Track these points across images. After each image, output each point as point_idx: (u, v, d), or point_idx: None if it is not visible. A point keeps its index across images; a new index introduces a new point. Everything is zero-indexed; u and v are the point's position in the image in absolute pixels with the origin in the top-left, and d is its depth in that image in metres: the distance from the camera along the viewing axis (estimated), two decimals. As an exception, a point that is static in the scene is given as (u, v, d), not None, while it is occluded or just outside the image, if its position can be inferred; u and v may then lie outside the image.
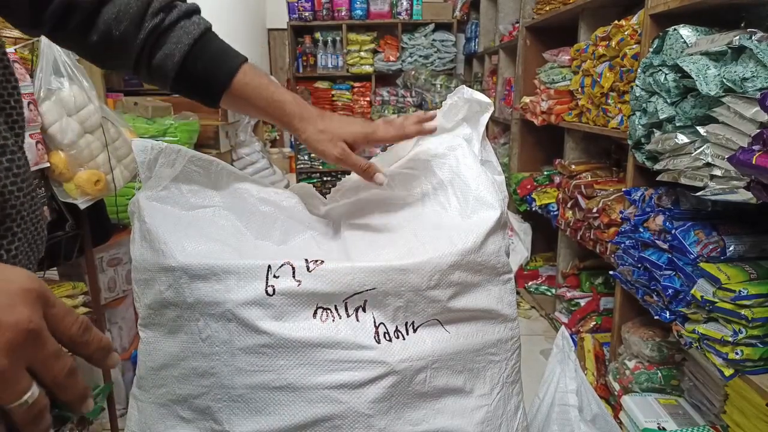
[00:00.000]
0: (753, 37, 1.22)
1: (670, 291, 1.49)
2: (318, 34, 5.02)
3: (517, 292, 2.99)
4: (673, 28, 1.51)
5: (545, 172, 3.00)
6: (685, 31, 1.48)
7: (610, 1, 2.26)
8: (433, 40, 4.97)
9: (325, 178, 5.28)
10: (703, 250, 1.41)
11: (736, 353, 1.28)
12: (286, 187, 0.89)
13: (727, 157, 1.18)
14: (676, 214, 1.56)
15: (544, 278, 3.09)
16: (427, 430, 0.70)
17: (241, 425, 0.65)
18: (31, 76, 1.35)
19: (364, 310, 0.67)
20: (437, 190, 0.84)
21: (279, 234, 0.80)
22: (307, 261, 0.66)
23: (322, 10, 4.92)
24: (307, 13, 4.90)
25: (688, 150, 1.40)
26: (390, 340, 0.68)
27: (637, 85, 1.65)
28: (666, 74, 1.49)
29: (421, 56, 4.98)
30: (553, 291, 2.83)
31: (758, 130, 1.08)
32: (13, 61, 1.01)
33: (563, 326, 1.80)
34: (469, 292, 0.75)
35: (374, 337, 0.67)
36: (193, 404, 0.68)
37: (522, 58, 3.14)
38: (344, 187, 0.93)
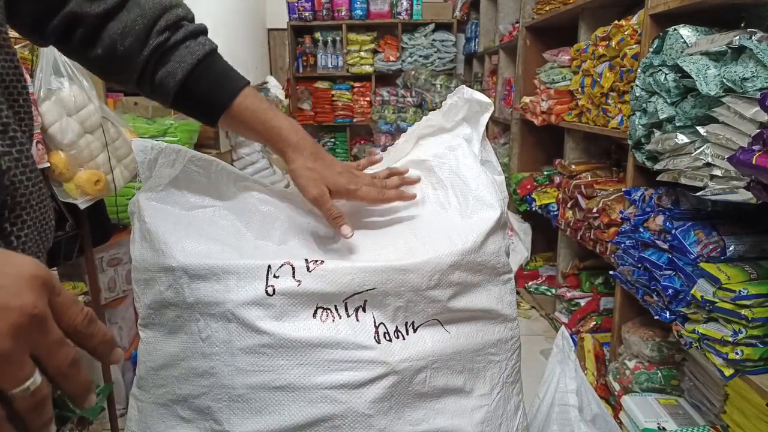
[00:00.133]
0: (753, 37, 1.22)
1: (670, 291, 1.49)
2: (318, 34, 5.02)
3: (517, 292, 2.99)
4: (673, 28, 1.51)
5: (545, 172, 3.00)
6: (685, 31, 1.48)
7: (610, 1, 2.26)
8: (433, 40, 4.97)
9: (325, 178, 5.28)
10: (703, 250, 1.42)
11: (736, 353, 1.28)
12: (286, 187, 0.89)
13: (727, 157, 1.18)
14: (676, 214, 1.56)
15: (544, 278, 3.09)
16: (427, 430, 0.70)
17: (241, 425, 0.65)
18: (31, 76, 1.35)
19: (364, 310, 0.67)
20: (437, 190, 0.84)
21: (279, 234, 0.79)
22: (307, 261, 0.66)
23: (322, 10, 4.92)
24: (307, 13, 4.90)
25: (688, 150, 1.40)
26: (390, 340, 0.68)
27: (637, 85, 1.65)
28: (666, 74, 1.49)
29: (421, 56, 4.98)
30: (553, 291, 2.83)
31: (758, 130, 1.08)
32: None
33: (563, 326, 1.80)
34: (469, 292, 0.75)
35: (374, 337, 0.67)
36: (193, 404, 0.68)
37: (522, 58, 3.14)
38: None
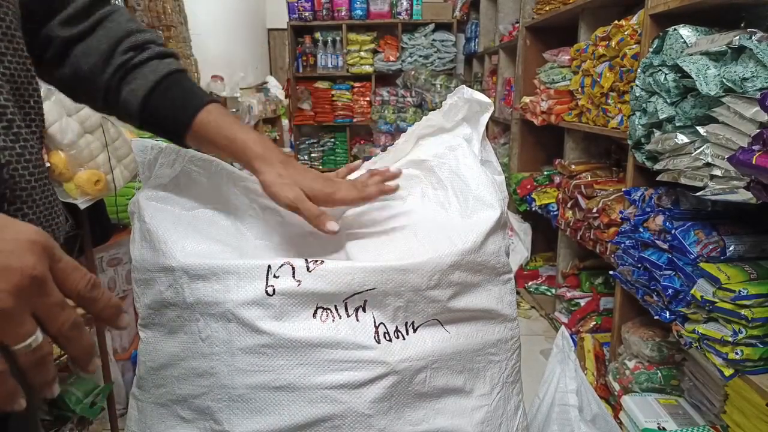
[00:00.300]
0: (753, 37, 1.22)
1: (670, 291, 1.49)
2: (318, 34, 5.02)
3: (517, 292, 2.99)
4: (673, 28, 1.51)
5: (545, 172, 3.00)
6: (685, 31, 1.48)
7: (610, 1, 2.26)
8: (433, 40, 4.97)
9: (325, 178, 5.28)
10: (703, 250, 1.41)
11: (736, 353, 1.28)
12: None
13: (727, 157, 1.18)
14: (676, 214, 1.56)
15: (544, 278, 3.09)
16: (427, 430, 0.70)
17: (241, 425, 0.65)
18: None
19: (364, 310, 0.67)
20: (437, 190, 0.84)
21: (279, 234, 0.80)
22: (307, 261, 0.66)
23: (322, 10, 4.92)
24: (307, 13, 4.90)
25: (688, 150, 1.40)
26: (390, 340, 0.68)
27: (637, 85, 1.65)
28: (666, 74, 1.49)
29: (421, 56, 4.98)
30: (553, 291, 2.83)
31: (758, 130, 1.08)
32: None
33: (563, 326, 1.80)
34: (469, 292, 0.75)
35: (374, 337, 0.67)
36: (193, 404, 0.68)
37: (522, 58, 3.14)
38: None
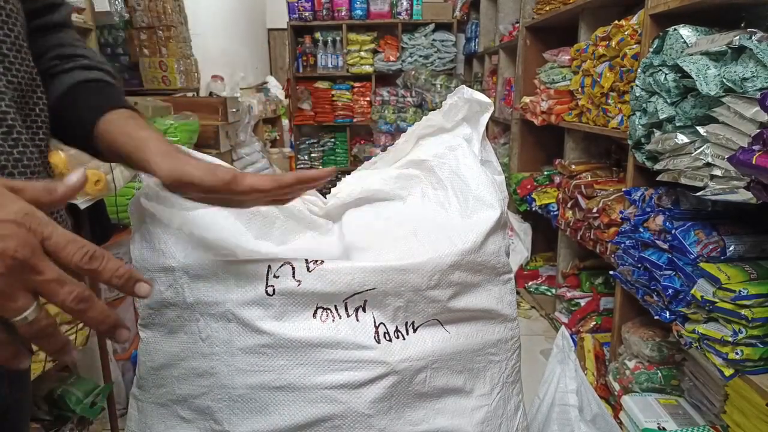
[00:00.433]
0: (753, 37, 1.22)
1: (670, 291, 1.49)
2: (318, 34, 5.02)
3: (517, 292, 2.99)
4: (673, 28, 1.51)
5: (545, 172, 3.00)
6: (685, 31, 1.48)
7: (610, 1, 2.26)
8: (433, 40, 4.97)
9: (325, 178, 5.28)
10: (703, 250, 1.41)
11: (736, 353, 1.28)
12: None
13: (727, 157, 1.18)
14: (676, 214, 1.56)
15: (544, 278, 3.09)
16: (427, 430, 0.70)
17: (241, 425, 0.65)
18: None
19: (364, 310, 0.67)
20: (437, 190, 0.84)
21: (279, 234, 0.79)
22: (307, 261, 0.66)
23: (322, 10, 4.92)
24: (307, 13, 4.90)
25: (688, 150, 1.40)
26: (390, 340, 0.68)
27: (637, 85, 1.65)
28: (666, 74, 1.49)
29: (421, 56, 4.98)
30: (553, 291, 2.83)
31: (758, 130, 1.08)
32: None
33: (563, 326, 1.80)
34: (469, 292, 0.75)
35: (374, 337, 0.67)
36: (193, 404, 0.68)
37: (522, 58, 3.14)
38: (344, 188, 0.93)
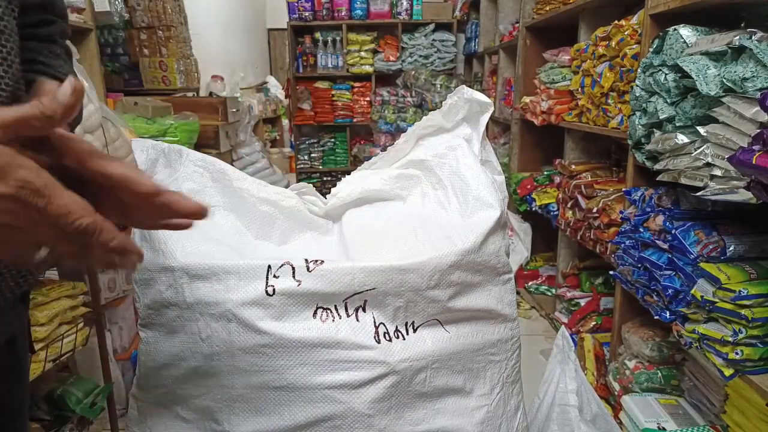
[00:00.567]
0: (753, 37, 1.22)
1: (670, 291, 1.49)
2: (318, 34, 5.02)
3: (517, 292, 2.99)
4: (673, 28, 1.51)
5: (545, 172, 3.00)
6: (685, 31, 1.48)
7: (610, 1, 2.26)
8: (433, 40, 4.97)
9: (325, 178, 5.28)
10: (703, 250, 1.41)
11: (736, 353, 1.27)
12: (286, 187, 0.89)
13: (727, 157, 1.18)
14: (676, 214, 1.56)
15: (544, 278, 3.09)
16: (427, 429, 0.70)
17: (241, 425, 0.65)
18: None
19: (364, 310, 0.67)
20: (437, 190, 0.84)
21: (279, 234, 0.80)
22: (307, 261, 0.66)
23: (322, 10, 4.92)
24: (307, 13, 4.90)
25: (688, 150, 1.40)
26: (390, 340, 0.68)
27: (637, 85, 1.65)
28: (666, 74, 1.49)
29: (421, 56, 4.98)
30: (553, 291, 2.83)
31: (758, 130, 1.08)
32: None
33: (563, 326, 1.80)
34: (469, 292, 0.75)
35: (374, 337, 0.67)
36: (193, 404, 0.68)
37: (522, 58, 3.14)
38: (344, 188, 0.93)
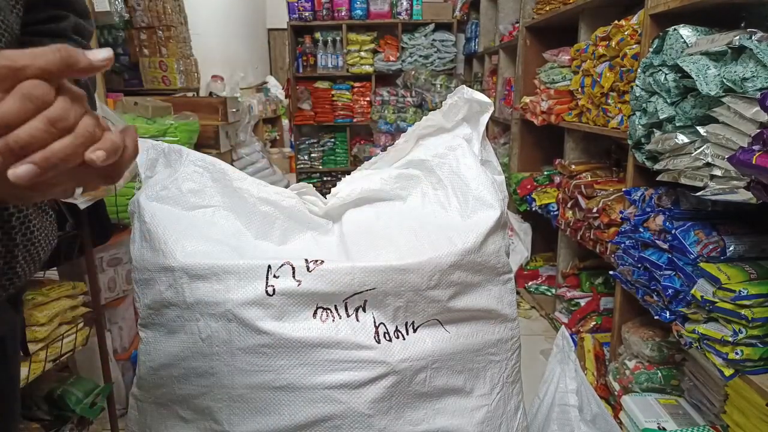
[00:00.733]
0: (753, 37, 1.22)
1: (670, 291, 1.49)
2: (318, 34, 5.02)
3: (517, 292, 2.99)
4: (673, 28, 1.51)
5: (545, 172, 3.00)
6: (685, 31, 1.48)
7: (610, 1, 2.26)
8: (433, 40, 4.97)
9: (325, 178, 5.29)
10: (703, 250, 1.41)
11: (736, 353, 1.27)
12: (286, 187, 0.89)
13: (727, 157, 1.18)
14: (676, 214, 1.56)
15: (544, 278, 3.09)
16: (427, 429, 0.70)
17: (241, 425, 0.65)
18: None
19: (364, 310, 0.67)
20: (437, 190, 0.84)
21: (279, 234, 0.79)
22: (307, 261, 0.66)
23: (322, 10, 4.92)
24: (307, 13, 4.90)
25: (688, 150, 1.40)
26: (390, 340, 0.68)
27: (637, 85, 1.65)
28: (666, 74, 1.49)
29: (421, 56, 4.98)
30: (553, 291, 2.83)
31: (758, 130, 1.08)
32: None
33: (563, 326, 1.80)
34: (469, 292, 0.75)
35: (374, 337, 0.67)
36: (193, 404, 0.68)
37: (522, 58, 3.14)
38: (344, 188, 0.93)
